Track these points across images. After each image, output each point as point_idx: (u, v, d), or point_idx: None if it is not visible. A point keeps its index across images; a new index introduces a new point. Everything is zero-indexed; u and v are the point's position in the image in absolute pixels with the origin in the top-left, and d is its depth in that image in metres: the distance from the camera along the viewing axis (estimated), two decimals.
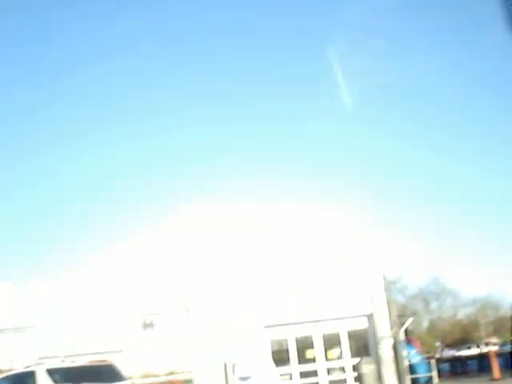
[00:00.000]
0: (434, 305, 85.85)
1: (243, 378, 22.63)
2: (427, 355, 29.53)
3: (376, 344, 24.77)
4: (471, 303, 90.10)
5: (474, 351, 52.27)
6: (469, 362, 30.54)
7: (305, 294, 24.92)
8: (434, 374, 24.29)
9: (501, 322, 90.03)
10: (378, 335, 24.57)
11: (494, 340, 74.49)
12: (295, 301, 24.79)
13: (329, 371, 25.07)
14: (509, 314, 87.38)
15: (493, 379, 21.62)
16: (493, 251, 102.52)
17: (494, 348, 56.30)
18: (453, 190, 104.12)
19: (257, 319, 24.51)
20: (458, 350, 56.71)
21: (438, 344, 63.36)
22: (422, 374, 24.45)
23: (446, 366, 27.19)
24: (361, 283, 25.15)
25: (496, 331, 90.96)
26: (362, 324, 25.48)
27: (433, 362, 24.96)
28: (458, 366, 30.11)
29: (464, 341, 77.58)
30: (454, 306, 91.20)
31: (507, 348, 49.13)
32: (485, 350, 53.09)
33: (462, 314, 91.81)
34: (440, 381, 23.97)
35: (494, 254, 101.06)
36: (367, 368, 24.03)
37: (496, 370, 21.80)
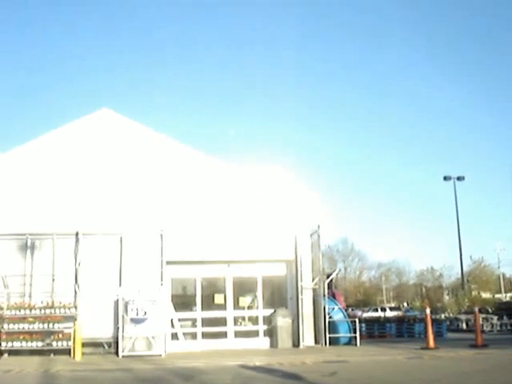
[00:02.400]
0: (340, 265, 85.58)
1: (135, 320, 18.89)
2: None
3: (294, 295, 21.44)
4: (376, 267, 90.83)
5: (379, 314, 51.17)
6: (387, 324, 27.85)
7: (218, 230, 21.16)
8: (357, 335, 21.18)
9: (402, 288, 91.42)
10: (298, 285, 21.18)
11: (392, 305, 75.05)
12: (207, 236, 21.02)
13: (238, 321, 21.61)
14: (410, 282, 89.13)
15: (427, 347, 18.61)
16: (404, 221, 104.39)
17: (397, 312, 56.12)
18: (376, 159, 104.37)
19: (157, 253, 20.59)
20: (363, 312, 55.34)
21: None
22: (343, 334, 21.29)
23: (361, 327, 24.26)
24: (283, 226, 21.63)
25: (397, 297, 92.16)
26: (280, 271, 22.09)
27: (356, 321, 21.83)
28: (375, 329, 27.36)
29: (365, 303, 77.61)
30: (360, 268, 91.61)
31: (412, 314, 48.31)
32: (390, 313, 52.12)
33: (366, 277, 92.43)
34: (361, 344, 20.84)
35: (404, 224, 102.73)
36: (282, 321, 20.79)
37: (431, 338, 18.81)
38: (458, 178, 55.25)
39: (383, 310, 59.28)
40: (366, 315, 47.98)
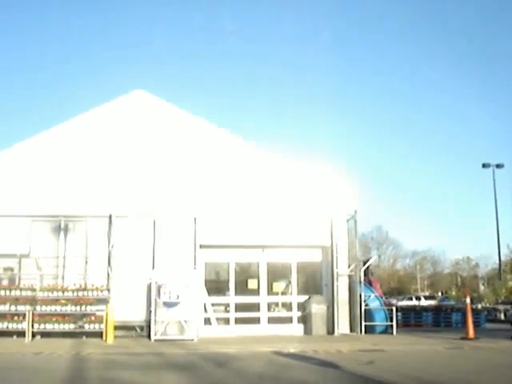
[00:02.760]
0: (374, 253, 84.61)
1: (168, 304, 18.66)
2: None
3: (330, 281, 20.98)
4: (411, 255, 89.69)
5: (414, 303, 50.59)
6: (424, 313, 27.24)
7: (253, 215, 20.77)
8: (394, 324, 20.64)
9: (437, 278, 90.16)
10: (334, 271, 20.70)
11: (427, 294, 74.06)
12: (241, 221, 20.66)
13: (272, 307, 21.25)
14: (445, 271, 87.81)
15: (467, 338, 18.02)
16: (439, 209, 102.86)
17: (433, 301, 55.34)
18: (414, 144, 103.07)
19: (191, 237, 20.32)
20: (398, 300, 54.62)
21: None
22: (379, 322, 20.77)
23: (397, 316, 23.69)
24: (319, 211, 21.16)
25: (431, 285, 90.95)
26: (315, 257, 21.63)
27: (393, 309, 21.29)
28: (411, 317, 26.79)
29: (399, 291, 76.69)
30: (394, 256, 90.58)
31: (448, 303, 47.50)
32: (425, 302, 51.45)
33: (401, 265, 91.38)
34: (398, 333, 20.30)
35: (440, 213, 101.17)
36: (316, 307, 20.36)
37: (471, 328, 18.21)
38: (497, 166, 53.73)
39: (418, 298, 58.48)
40: (400, 304, 47.32)
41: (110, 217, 20.25)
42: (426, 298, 60.61)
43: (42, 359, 13.87)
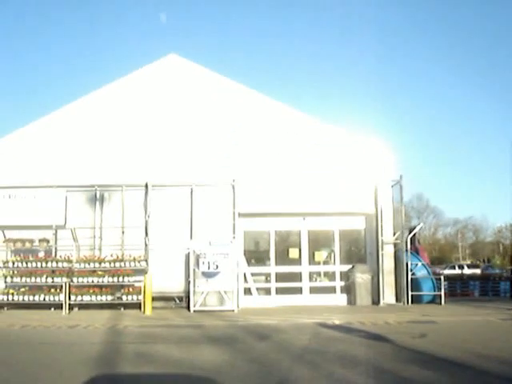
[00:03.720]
0: (414, 221, 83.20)
1: (207, 274, 18.08)
2: None
3: (374, 250, 20.13)
4: (452, 224, 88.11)
5: (457, 271, 49.67)
6: (471, 282, 26.32)
7: (293, 182, 19.98)
8: (442, 293, 19.72)
9: (478, 246, 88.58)
10: (379, 239, 19.83)
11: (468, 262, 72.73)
12: (281, 188, 19.89)
13: (314, 276, 20.52)
14: (487, 239, 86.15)
15: None
16: (481, 178, 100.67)
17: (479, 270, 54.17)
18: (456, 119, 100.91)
19: (229, 205, 19.67)
20: (441, 269, 53.57)
21: None
22: (427, 292, 19.88)
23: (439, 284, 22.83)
24: (362, 177, 20.25)
25: (473, 254, 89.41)
26: (358, 224, 20.78)
27: (441, 278, 20.34)
28: (458, 287, 25.90)
29: (440, 260, 75.43)
30: (435, 225, 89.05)
31: (493, 271, 46.31)
32: (468, 271, 50.38)
33: (442, 234, 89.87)
34: (446, 303, 19.40)
35: (481, 181, 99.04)
36: (361, 277, 19.55)
37: None
38: None
39: (461, 267, 57.36)
40: (443, 272, 46.34)
41: (147, 185, 19.71)
42: (469, 266, 59.52)
43: (77, 333, 13.40)
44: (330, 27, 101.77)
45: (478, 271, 53.19)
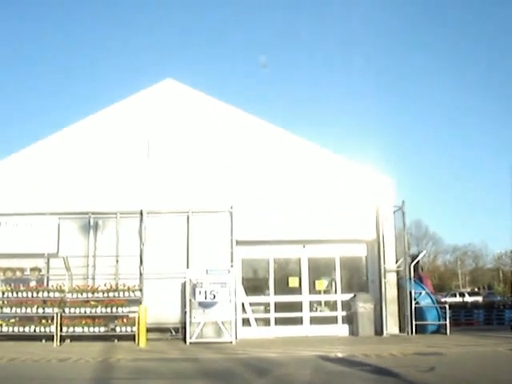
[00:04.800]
0: (414, 249, 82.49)
1: (204, 304, 17.44)
2: None
3: (376, 278, 19.54)
4: (452, 251, 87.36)
5: (458, 299, 49.01)
6: (475, 311, 25.69)
7: (293, 208, 19.47)
8: (447, 323, 19.06)
9: (478, 273, 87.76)
10: (381, 267, 19.24)
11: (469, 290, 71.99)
12: (280, 215, 19.35)
13: (314, 306, 19.88)
14: (487, 266, 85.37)
15: None
16: (480, 204, 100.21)
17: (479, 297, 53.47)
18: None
19: (227, 232, 19.11)
20: (442, 296, 52.90)
21: None
22: (431, 321, 19.22)
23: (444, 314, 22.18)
24: (363, 204, 19.73)
25: (473, 281, 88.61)
26: (360, 251, 20.21)
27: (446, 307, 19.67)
28: (462, 315, 25.23)
29: (440, 288, 74.64)
30: (435, 252, 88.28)
31: (494, 299, 45.62)
32: (469, 299, 49.72)
33: (441, 261, 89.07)
34: (451, 333, 18.74)
35: (481, 207, 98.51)
36: (363, 306, 18.90)
37: None
38: None
39: (462, 295, 56.67)
40: (444, 300, 45.69)
41: (142, 213, 19.16)
42: (470, 294, 58.88)
43: (67, 367, 12.71)
44: (327, 53, 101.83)
45: (479, 298, 52.56)
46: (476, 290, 74.26)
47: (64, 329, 17.28)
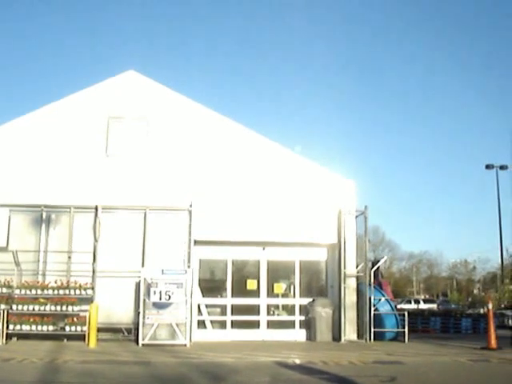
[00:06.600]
0: (370, 255, 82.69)
1: (158, 305, 16.82)
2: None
3: (336, 283, 19.19)
4: (407, 258, 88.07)
5: (412, 306, 49.22)
6: (432, 318, 25.54)
7: (253, 209, 19.01)
8: (406, 330, 18.79)
9: (432, 281, 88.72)
10: (341, 272, 18.89)
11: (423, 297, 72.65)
12: (240, 216, 18.86)
13: (272, 310, 19.43)
14: (442, 274, 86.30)
15: (489, 348, 16.23)
16: (437, 212, 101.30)
17: (432, 305, 53.84)
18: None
19: (185, 231, 18.53)
20: (398, 303, 53.10)
21: None
22: (390, 328, 18.93)
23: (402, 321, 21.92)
24: (324, 207, 19.37)
25: (427, 289, 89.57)
26: (320, 255, 19.85)
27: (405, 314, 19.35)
28: (418, 322, 25.04)
29: (395, 294, 74.99)
30: (391, 258, 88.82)
31: (449, 306, 45.88)
32: (424, 306, 50.01)
33: (397, 268, 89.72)
34: (409, 340, 18.49)
35: (438, 215, 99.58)
36: (321, 311, 18.55)
37: (493, 337, 16.39)
38: (501, 167, 51.74)
39: (417, 302, 57.03)
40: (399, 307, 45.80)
41: (96, 208, 18.43)
42: (425, 301, 59.28)
43: (10, 368, 11.91)
44: (290, 51, 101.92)
45: (434, 306, 52.93)
46: (430, 297, 74.99)
47: (10, 326, 16.50)
